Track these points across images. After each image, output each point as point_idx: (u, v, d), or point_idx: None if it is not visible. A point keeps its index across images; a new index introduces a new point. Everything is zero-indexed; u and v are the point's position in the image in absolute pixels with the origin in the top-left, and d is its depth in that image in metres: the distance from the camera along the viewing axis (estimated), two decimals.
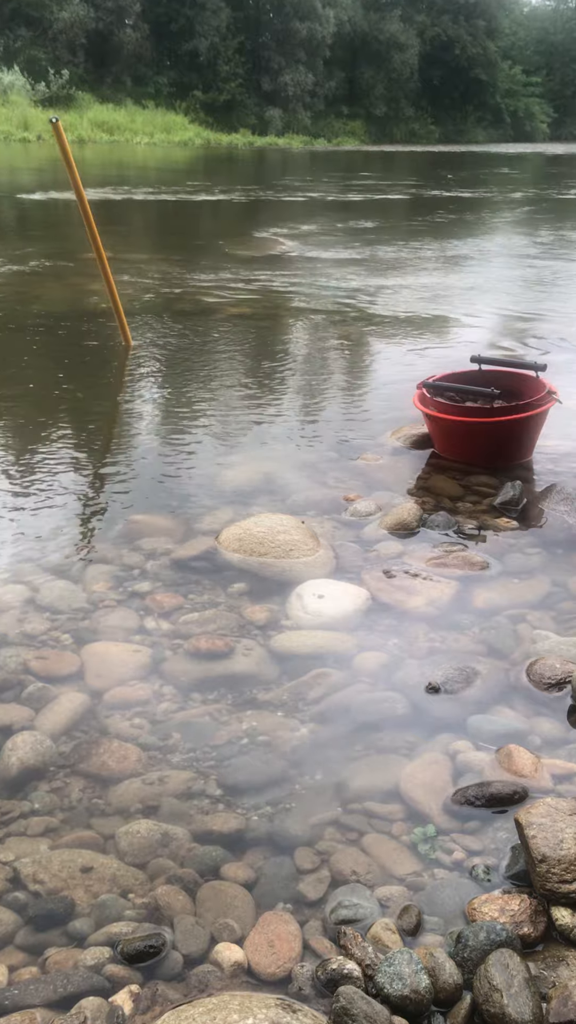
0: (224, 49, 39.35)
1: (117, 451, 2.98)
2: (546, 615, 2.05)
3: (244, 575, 2.19)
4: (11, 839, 1.38)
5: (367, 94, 49.47)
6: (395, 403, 3.47)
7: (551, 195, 16.25)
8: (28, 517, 2.46)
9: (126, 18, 34.65)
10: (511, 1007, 1.08)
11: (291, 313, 5.61)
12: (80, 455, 2.93)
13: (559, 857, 1.25)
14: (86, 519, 2.48)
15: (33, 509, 2.51)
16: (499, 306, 5.79)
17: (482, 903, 1.26)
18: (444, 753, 1.59)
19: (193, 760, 1.56)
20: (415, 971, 1.13)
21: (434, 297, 6.01)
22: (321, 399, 3.67)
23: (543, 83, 61.54)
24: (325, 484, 2.76)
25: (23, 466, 2.82)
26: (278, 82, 41.44)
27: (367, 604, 2.07)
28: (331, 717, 1.69)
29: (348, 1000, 1.08)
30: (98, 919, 1.25)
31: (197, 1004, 1.09)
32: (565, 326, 5.10)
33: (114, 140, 26.41)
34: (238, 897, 1.29)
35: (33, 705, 1.69)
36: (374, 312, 5.57)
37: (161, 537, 2.37)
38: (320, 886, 1.31)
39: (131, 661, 1.83)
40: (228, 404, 3.53)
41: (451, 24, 52.99)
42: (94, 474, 2.79)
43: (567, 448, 3.06)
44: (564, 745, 1.63)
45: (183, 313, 5.33)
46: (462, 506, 2.63)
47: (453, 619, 2.03)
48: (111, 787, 1.50)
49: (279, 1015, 1.05)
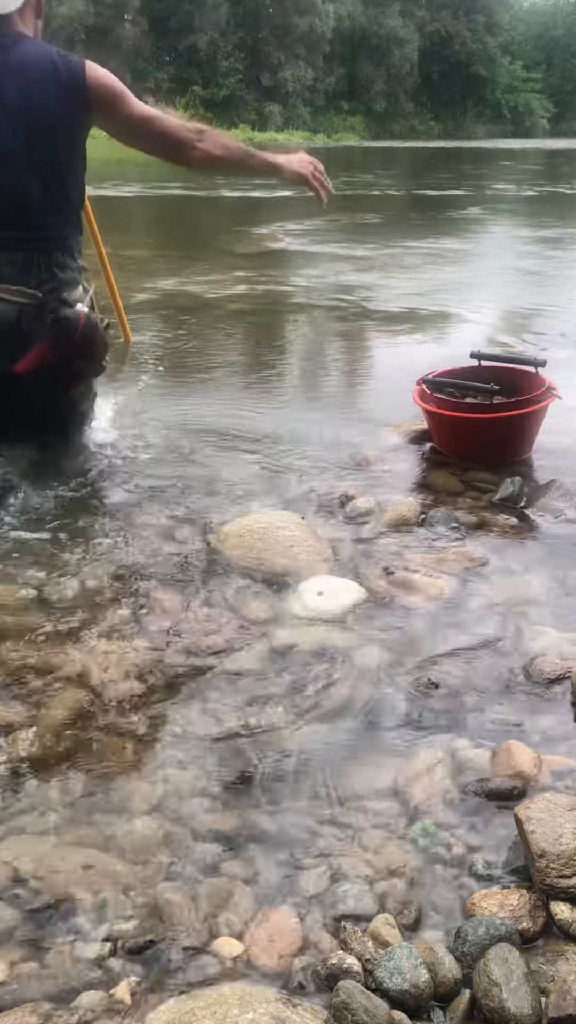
0: (223, 44, 39.25)
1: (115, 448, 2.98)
2: (545, 611, 2.06)
3: (244, 572, 2.19)
4: (11, 836, 1.38)
5: (367, 90, 49.40)
6: (394, 399, 3.47)
7: (551, 190, 16.24)
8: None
9: (125, 13, 34.58)
10: (510, 1001, 1.09)
11: (290, 309, 5.61)
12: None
13: (558, 852, 1.26)
14: (85, 517, 2.47)
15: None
16: (499, 301, 5.79)
17: (481, 898, 1.26)
18: (443, 749, 1.59)
19: (193, 757, 1.56)
20: (415, 966, 1.13)
21: (433, 292, 6.01)
22: (320, 395, 3.67)
23: (543, 78, 61.42)
24: (325, 481, 2.76)
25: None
26: (278, 77, 41.35)
27: (367, 600, 2.08)
28: (330, 713, 1.69)
29: (348, 995, 1.08)
30: (98, 914, 1.25)
31: (197, 999, 1.09)
32: (565, 321, 5.10)
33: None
34: (238, 893, 1.29)
35: (34, 701, 1.69)
36: (373, 308, 5.57)
37: (160, 535, 2.37)
38: (320, 882, 1.31)
39: (130, 658, 1.83)
40: (227, 400, 3.53)
41: (451, 19, 52.89)
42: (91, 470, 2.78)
43: (567, 444, 3.07)
44: (564, 741, 1.63)
45: (183, 309, 5.33)
46: (462, 502, 2.63)
47: (452, 615, 2.03)
48: (112, 784, 1.50)
49: (279, 1009, 1.05)
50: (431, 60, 51.74)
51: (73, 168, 2.39)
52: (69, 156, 2.36)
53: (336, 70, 47.15)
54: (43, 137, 2.27)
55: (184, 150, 2.46)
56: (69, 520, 2.43)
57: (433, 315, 5.40)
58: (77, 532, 2.37)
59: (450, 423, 2.90)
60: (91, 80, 2.27)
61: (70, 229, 2.42)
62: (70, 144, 2.35)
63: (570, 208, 13.20)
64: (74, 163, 2.39)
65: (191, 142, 2.44)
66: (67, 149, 2.34)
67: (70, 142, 2.34)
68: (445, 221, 11.05)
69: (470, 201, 13.35)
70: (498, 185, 16.89)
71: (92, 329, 2.36)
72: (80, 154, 2.41)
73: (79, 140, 2.38)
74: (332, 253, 7.84)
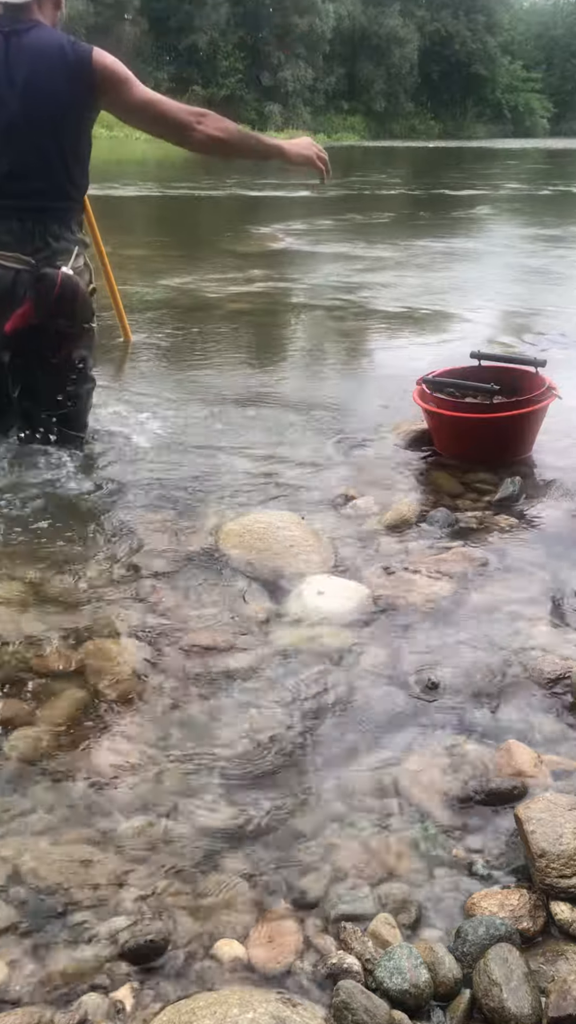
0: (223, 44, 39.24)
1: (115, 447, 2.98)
2: (545, 611, 2.06)
3: (244, 571, 2.19)
4: (11, 836, 1.38)
5: (367, 89, 49.36)
6: (395, 399, 3.47)
7: (551, 190, 16.24)
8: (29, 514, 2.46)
9: (125, 13, 34.58)
10: (510, 1001, 1.09)
11: (290, 308, 5.62)
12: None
13: (558, 852, 1.26)
14: (85, 516, 2.47)
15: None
16: (499, 301, 5.79)
17: (481, 898, 1.26)
18: (444, 749, 1.59)
19: (193, 756, 1.56)
20: (415, 965, 1.13)
21: (433, 292, 6.02)
22: (320, 395, 3.67)
23: (543, 78, 61.37)
24: (325, 481, 2.76)
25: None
26: (278, 77, 41.34)
27: (367, 600, 2.08)
28: (331, 713, 1.69)
29: (348, 994, 1.09)
30: (98, 914, 1.25)
31: (198, 999, 1.09)
32: (565, 321, 5.10)
33: (114, 136, 26.31)
34: (238, 893, 1.29)
35: (33, 700, 1.69)
36: (374, 308, 5.57)
37: (160, 534, 2.37)
38: (320, 882, 1.31)
39: (131, 657, 1.83)
40: (227, 400, 3.53)
41: (451, 19, 52.86)
42: (91, 470, 2.78)
43: (566, 444, 3.07)
44: (564, 741, 1.63)
45: (183, 308, 5.33)
46: (462, 502, 2.64)
47: (453, 615, 2.03)
48: (112, 783, 1.50)
49: (279, 1009, 1.05)
50: (431, 60, 51.72)
51: (75, 147, 2.52)
52: (73, 135, 2.49)
53: (336, 70, 47.14)
54: (48, 115, 2.41)
55: (185, 131, 2.57)
56: (67, 516, 2.43)
57: (433, 314, 5.41)
58: (76, 529, 2.37)
59: (450, 423, 2.90)
60: (97, 64, 2.41)
61: (69, 203, 2.56)
62: (75, 123, 2.49)
63: (571, 208, 13.20)
64: (77, 142, 2.52)
65: (192, 124, 2.56)
66: (71, 128, 2.48)
67: (75, 122, 2.48)
68: (445, 221, 11.05)
69: (470, 201, 13.34)
70: (511, 184, 16.91)
71: (72, 288, 2.46)
72: (84, 134, 2.54)
73: (85, 121, 2.52)
74: (332, 252, 7.84)
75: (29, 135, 2.41)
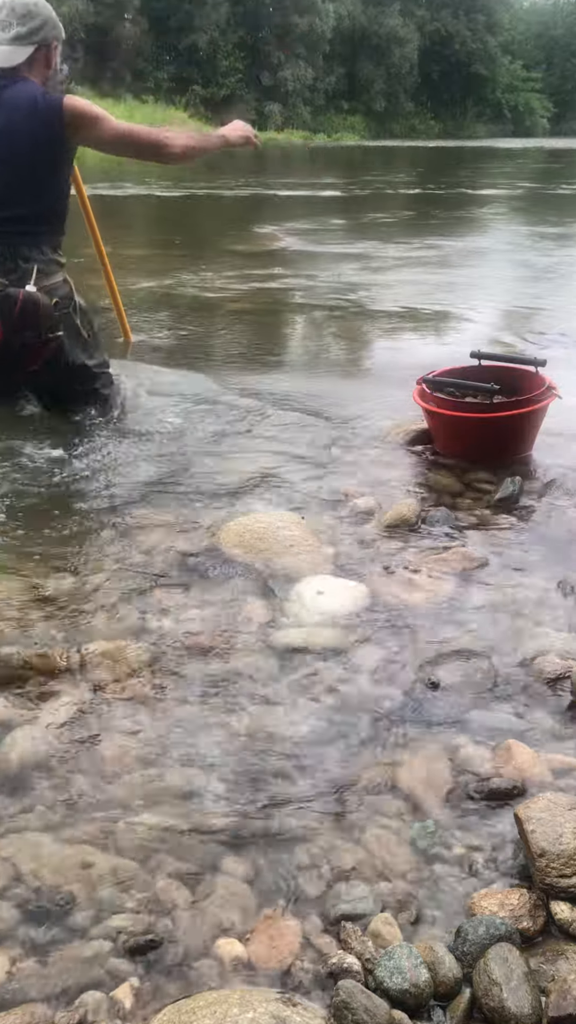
0: (223, 44, 39.20)
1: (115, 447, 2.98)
2: (545, 610, 2.06)
3: (244, 571, 2.19)
4: (11, 835, 1.38)
5: (367, 89, 49.32)
6: (395, 399, 3.47)
7: (551, 190, 16.24)
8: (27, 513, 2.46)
9: (125, 12, 34.56)
10: (510, 1000, 1.09)
11: (290, 308, 5.62)
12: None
13: (558, 852, 1.26)
14: (85, 516, 2.48)
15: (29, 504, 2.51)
16: (499, 301, 5.79)
17: (481, 897, 1.26)
18: (444, 748, 1.59)
19: (193, 756, 1.56)
20: (415, 965, 1.13)
21: (433, 292, 6.02)
22: (320, 394, 3.67)
23: (543, 78, 61.32)
24: (324, 480, 2.76)
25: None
26: (278, 77, 41.31)
27: (367, 600, 2.08)
28: (331, 713, 1.69)
29: (348, 994, 1.09)
30: (99, 914, 1.25)
31: (198, 998, 1.09)
32: (565, 320, 5.10)
33: None
34: (238, 892, 1.29)
35: (33, 699, 1.70)
36: (374, 307, 5.57)
37: (160, 533, 2.37)
38: (320, 881, 1.31)
39: (131, 657, 1.83)
40: (227, 400, 3.53)
41: (451, 19, 52.82)
42: (92, 469, 2.78)
43: (566, 444, 3.06)
44: (564, 740, 1.63)
45: (183, 308, 5.33)
46: (462, 502, 2.64)
47: (453, 615, 2.03)
48: (112, 783, 1.50)
49: (279, 1009, 1.06)
50: (431, 59, 51.69)
51: (49, 180, 2.82)
52: (50, 168, 2.82)
53: (336, 69, 47.11)
54: (26, 151, 2.75)
55: (161, 151, 2.88)
56: (68, 516, 2.43)
57: (433, 314, 5.41)
58: (76, 528, 2.37)
59: (450, 423, 2.90)
60: (67, 107, 2.75)
61: (46, 227, 2.86)
62: (51, 159, 2.81)
63: (570, 208, 13.19)
64: (50, 176, 2.82)
65: (164, 142, 2.87)
66: (47, 163, 2.80)
67: (52, 157, 2.81)
68: (445, 221, 11.05)
69: (470, 201, 13.34)
70: (525, 183, 16.90)
71: (32, 305, 2.71)
72: (58, 168, 2.85)
73: (60, 156, 2.84)
74: (332, 252, 7.84)
75: (10, 170, 2.76)
